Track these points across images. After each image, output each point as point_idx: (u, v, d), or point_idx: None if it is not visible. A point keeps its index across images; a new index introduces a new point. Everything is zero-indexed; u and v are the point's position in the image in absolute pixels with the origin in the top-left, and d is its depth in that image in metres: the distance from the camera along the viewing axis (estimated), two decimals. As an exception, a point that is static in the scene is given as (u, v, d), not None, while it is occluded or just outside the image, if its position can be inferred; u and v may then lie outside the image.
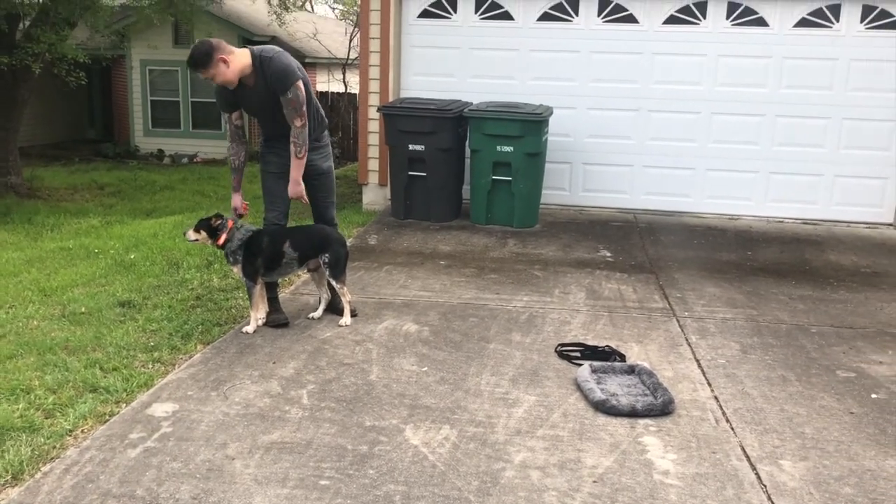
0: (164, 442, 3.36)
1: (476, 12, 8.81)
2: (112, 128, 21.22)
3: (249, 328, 4.75)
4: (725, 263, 6.91)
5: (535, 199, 8.14)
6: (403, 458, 3.27)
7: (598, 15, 8.63)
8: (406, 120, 7.91)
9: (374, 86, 8.85)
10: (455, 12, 8.86)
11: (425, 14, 8.89)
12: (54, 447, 3.30)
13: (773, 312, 5.50)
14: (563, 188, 9.03)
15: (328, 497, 2.96)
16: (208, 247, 5.22)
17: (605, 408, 3.75)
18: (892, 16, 8.17)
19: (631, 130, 8.78)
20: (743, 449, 3.44)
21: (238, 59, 4.53)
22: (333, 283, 4.86)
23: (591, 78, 8.75)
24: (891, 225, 8.52)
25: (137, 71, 19.32)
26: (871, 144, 8.44)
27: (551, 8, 8.67)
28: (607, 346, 4.62)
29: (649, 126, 8.75)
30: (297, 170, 4.74)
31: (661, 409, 3.74)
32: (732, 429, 3.63)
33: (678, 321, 5.24)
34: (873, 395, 4.08)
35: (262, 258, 4.71)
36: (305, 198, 4.87)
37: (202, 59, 4.44)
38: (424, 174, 8.04)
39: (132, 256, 7.01)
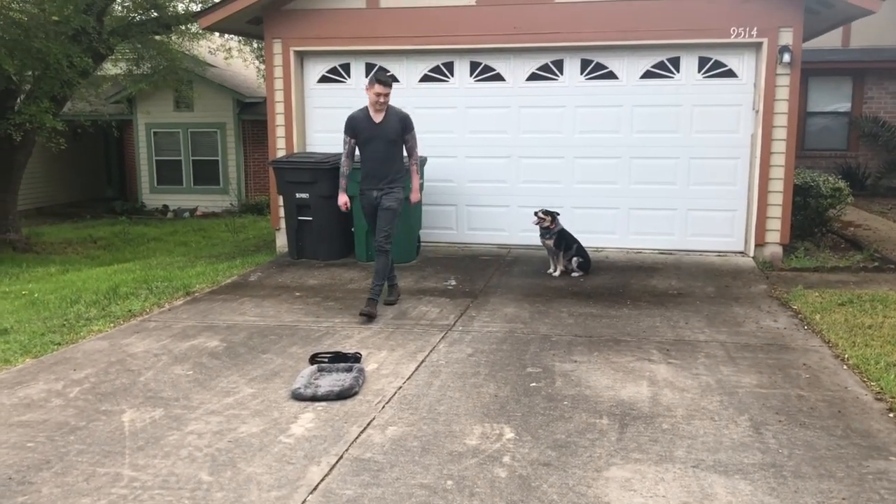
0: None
1: (366, 76, 10.02)
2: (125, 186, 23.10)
3: None
4: (549, 289, 7.84)
5: (411, 238, 9.21)
6: (105, 429, 4.35)
7: (471, 75, 9.77)
8: (291, 172, 9.12)
9: (281, 143, 10.11)
10: (349, 77, 10.11)
11: (323, 79, 10.16)
12: None
13: (538, 326, 6.44)
14: (450, 227, 10.10)
15: (26, 452, 4.05)
16: (97, 291, 6.41)
17: (295, 395, 4.79)
18: (724, 66, 9.11)
19: (505, 174, 9.83)
20: (371, 420, 4.42)
21: None
22: None
23: (467, 130, 9.85)
24: (741, 253, 9.32)
25: (143, 134, 21.16)
26: (718, 180, 9.32)
27: (430, 70, 9.85)
28: (357, 352, 5.63)
29: (521, 170, 9.79)
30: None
31: (338, 395, 4.75)
32: (384, 408, 4.62)
33: (446, 334, 6.22)
34: (532, 385, 5.01)
35: None
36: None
37: (392, 81, 6.82)
38: (311, 218, 9.20)
39: (48, 296, 8.29)
